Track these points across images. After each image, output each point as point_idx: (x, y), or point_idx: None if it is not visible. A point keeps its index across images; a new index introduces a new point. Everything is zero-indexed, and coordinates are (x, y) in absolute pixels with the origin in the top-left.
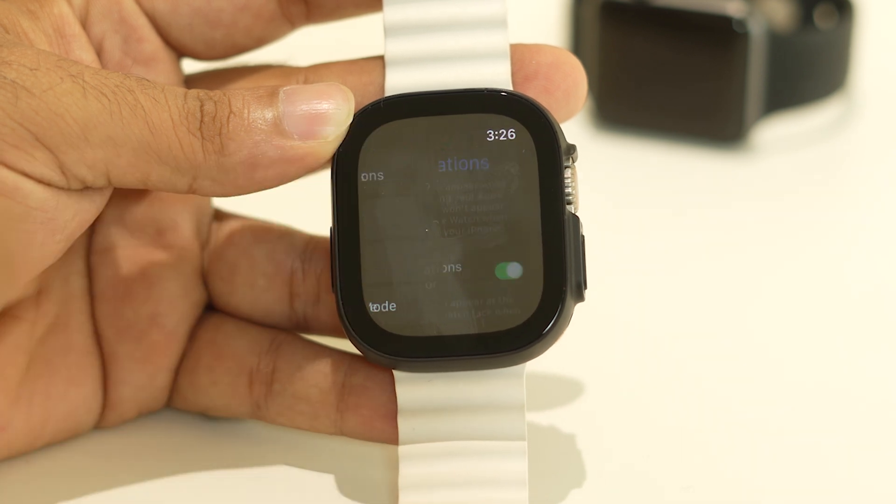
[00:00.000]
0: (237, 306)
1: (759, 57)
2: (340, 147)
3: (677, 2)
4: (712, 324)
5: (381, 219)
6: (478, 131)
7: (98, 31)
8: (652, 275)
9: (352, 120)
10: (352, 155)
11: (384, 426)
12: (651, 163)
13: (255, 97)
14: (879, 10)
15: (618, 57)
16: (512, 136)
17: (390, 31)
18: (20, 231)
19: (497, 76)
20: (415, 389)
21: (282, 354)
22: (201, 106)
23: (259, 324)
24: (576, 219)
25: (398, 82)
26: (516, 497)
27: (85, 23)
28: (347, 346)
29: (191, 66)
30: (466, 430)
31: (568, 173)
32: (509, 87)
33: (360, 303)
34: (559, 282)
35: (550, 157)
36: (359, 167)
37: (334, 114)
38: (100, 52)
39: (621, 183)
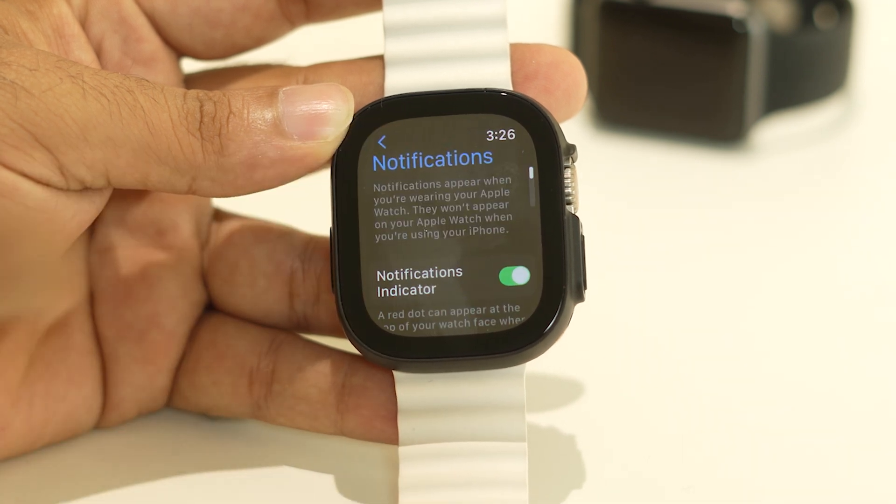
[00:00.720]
0: (237, 306)
1: (759, 57)
2: (340, 147)
3: (677, 2)
4: (712, 324)
5: (381, 219)
6: (477, 131)
7: (97, 32)
8: (652, 275)
9: (351, 120)
10: (351, 155)
11: (384, 426)
12: (651, 163)
13: (254, 97)
14: (879, 10)
15: (618, 57)
16: (512, 136)
17: (390, 30)
18: (19, 232)
19: (497, 76)
20: (415, 390)
21: (282, 354)
22: (201, 106)
23: (259, 324)
24: (576, 219)
25: (398, 82)
26: (516, 497)
27: (84, 23)
28: (347, 346)
29: (190, 65)
30: (466, 431)
31: (568, 173)
32: (509, 87)
33: (359, 303)
34: (559, 282)
35: (550, 158)
36: (358, 167)
37: (334, 114)
38: (99, 52)
39: (621, 183)
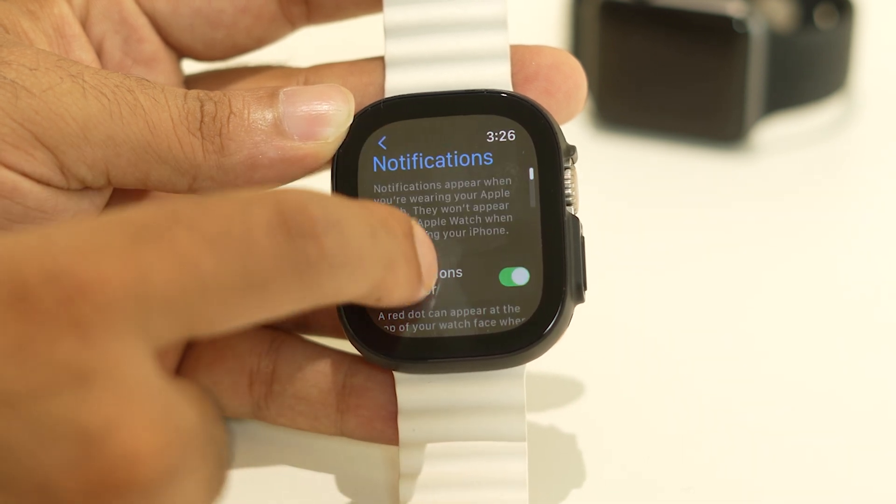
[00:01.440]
0: None
1: (759, 57)
2: (340, 148)
3: (677, 2)
4: (712, 324)
5: None
6: (478, 132)
7: (98, 32)
8: (652, 275)
9: (352, 121)
10: (352, 156)
11: (384, 427)
12: (651, 163)
13: (255, 98)
14: (879, 10)
15: (618, 57)
16: (512, 137)
17: (390, 31)
18: (19, 231)
19: (497, 77)
20: (415, 390)
21: (282, 355)
22: (201, 106)
23: (259, 324)
24: (576, 220)
25: (398, 83)
26: (516, 498)
27: (85, 23)
28: (348, 346)
29: (191, 66)
30: (466, 431)
31: (568, 174)
32: (509, 88)
33: (360, 303)
34: (559, 283)
35: (550, 159)
36: (359, 168)
37: (334, 115)
38: (100, 52)
39: (621, 183)
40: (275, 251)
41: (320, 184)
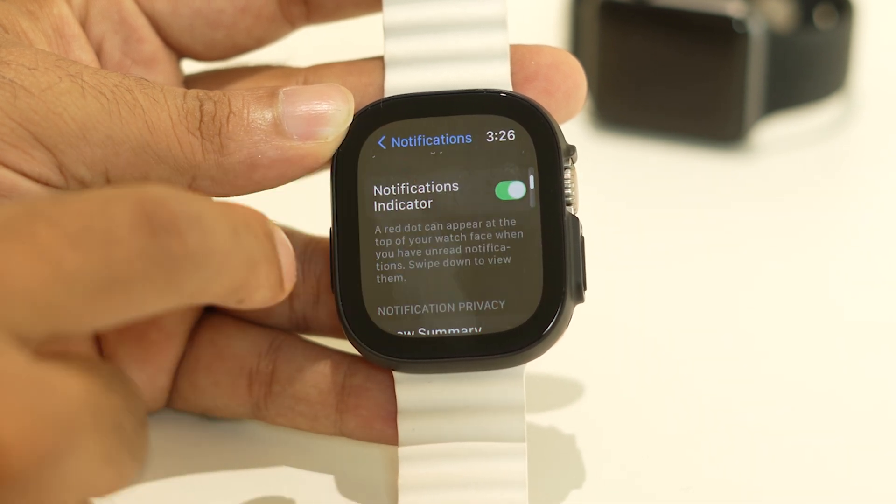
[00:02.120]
0: None
1: (759, 57)
2: (340, 148)
3: (677, 2)
4: (712, 324)
5: (381, 219)
6: (477, 132)
7: (98, 32)
8: (651, 275)
9: (351, 121)
10: (351, 156)
11: (384, 427)
12: (651, 163)
13: (254, 97)
14: (879, 10)
15: (618, 57)
16: (511, 137)
17: (390, 31)
18: None
19: (497, 77)
20: (414, 390)
21: (281, 355)
22: (201, 106)
23: (258, 324)
24: (575, 220)
25: (398, 83)
26: (516, 498)
27: (84, 23)
28: (347, 346)
29: (191, 66)
30: (466, 431)
31: (567, 174)
32: (509, 88)
33: (359, 304)
34: (559, 283)
35: (550, 159)
36: (358, 168)
37: (334, 115)
38: (99, 52)
39: (621, 183)
40: (137, 247)
41: (320, 184)
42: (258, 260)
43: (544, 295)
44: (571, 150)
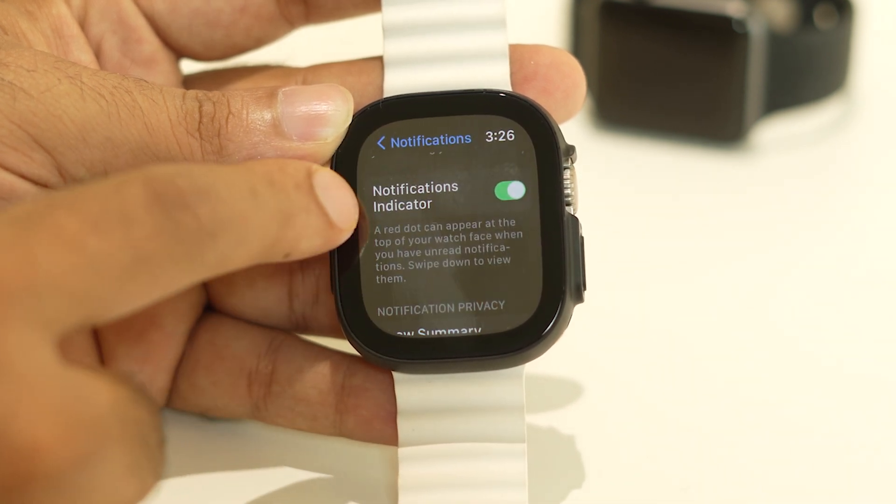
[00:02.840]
0: (236, 307)
1: (759, 57)
2: (339, 148)
3: (677, 2)
4: (712, 324)
5: (380, 220)
6: (477, 132)
7: (97, 32)
8: (651, 275)
9: (350, 121)
10: (350, 156)
11: (383, 427)
12: (651, 163)
13: (253, 98)
14: (879, 10)
15: (618, 57)
16: (511, 137)
17: (389, 31)
18: None
19: (496, 77)
20: (414, 391)
21: (281, 355)
22: (200, 107)
23: (258, 324)
24: (575, 220)
25: (397, 83)
26: (516, 498)
27: (83, 24)
28: (346, 346)
29: (190, 66)
30: (466, 432)
31: (567, 174)
32: (508, 87)
33: (359, 304)
34: (558, 283)
35: (549, 158)
36: (357, 168)
37: (333, 115)
38: (98, 53)
39: (621, 183)
40: (154, 226)
41: None
42: (291, 212)
43: (544, 295)
44: (571, 149)
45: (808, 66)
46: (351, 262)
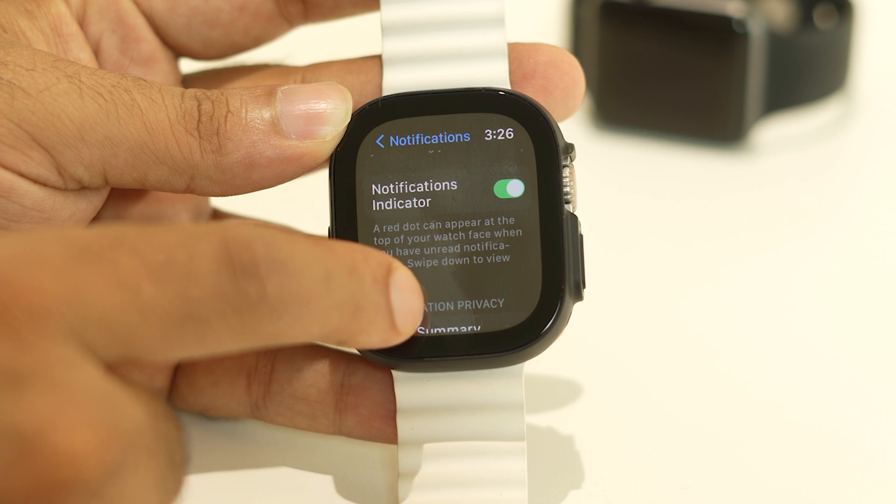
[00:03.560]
0: None
1: (759, 57)
2: (338, 147)
3: (677, 2)
4: (711, 324)
5: (379, 218)
6: (476, 131)
7: (95, 31)
8: (650, 274)
9: (349, 120)
10: (349, 154)
11: (383, 426)
12: (651, 163)
13: (252, 97)
14: (879, 10)
15: (618, 57)
16: (510, 135)
17: (388, 30)
18: (17, 231)
19: (495, 75)
20: (413, 389)
21: (280, 354)
22: (199, 105)
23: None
24: (574, 218)
25: (396, 81)
26: (516, 497)
27: (82, 22)
28: None
29: (189, 65)
30: (465, 430)
31: (566, 172)
32: (507, 86)
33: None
34: (558, 281)
35: (548, 157)
36: (356, 167)
37: (332, 114)
38: (97, 51)
39: (620, 183)
40: (216, 287)
41: (319, 183)
42: (361, 306)
43: (543, 293)
44: (570, 148)
45: (808, 66)
46: None
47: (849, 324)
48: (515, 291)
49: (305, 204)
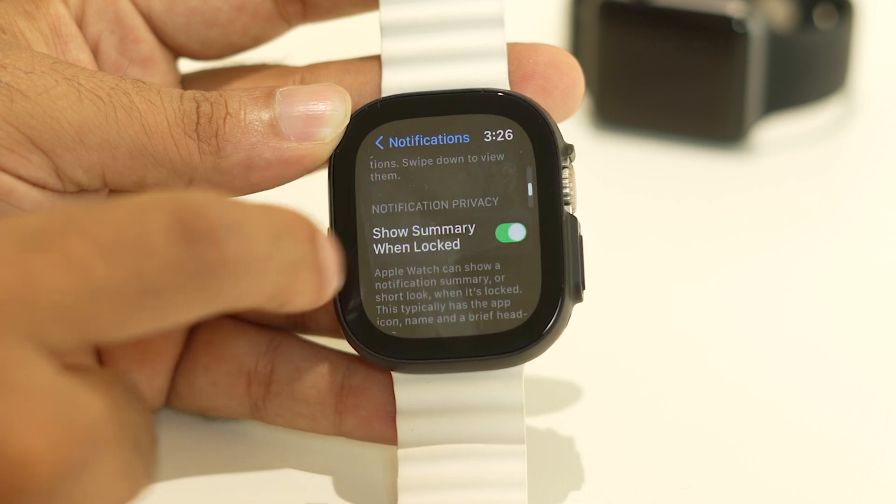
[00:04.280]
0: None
1: (759, 57)
2: (337, 148)
3: (677, 2)
4: (711, 324)
5: (379, 220)
6: (475, 132)
7: (94, 32)
8: (650, 275)
9: (349, 121)
10: (349, 156)
11: (383, 427)
12: (651, 163)
13: (251, 98)
14: (879, 10)
15: (618, 57)
16: (509, 136)
17: (387, 30)
18: None
19: (494, 76)
20: (413, 391)
21: (280, 355)
22: (197, 107)
23: (257, 324)
24: (574, 219)
25: (395, 82)
26: (516, 498)
27: (81, 23)
28: (346, 346)
29: (187, 65)
30: (465, 432)
31: (566, 173)
32: (506, 86)
33: (357, 304)
34: (557, 282)
35: (548, 158)
36: (356, 168)
37: (331, 115)
38: (96, 52)
39: (620, 183)
40: (172, 257)
41: (318, 184)
42: (299, 265)
43: (543, 294)
44: (569, 148)
45: (808, 66)
46: (350, 263)
47: (849, 324)
48: (515, 293)
49: (304, 205)
